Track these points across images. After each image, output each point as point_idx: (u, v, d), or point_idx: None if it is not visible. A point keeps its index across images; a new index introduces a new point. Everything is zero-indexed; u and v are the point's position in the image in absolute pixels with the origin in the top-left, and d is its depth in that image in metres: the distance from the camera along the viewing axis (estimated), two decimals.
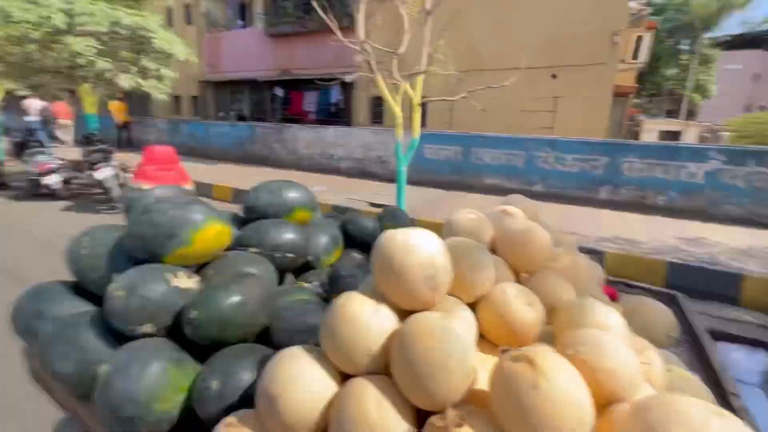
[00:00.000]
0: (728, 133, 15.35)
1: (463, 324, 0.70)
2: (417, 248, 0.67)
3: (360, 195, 6.97)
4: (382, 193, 7.24)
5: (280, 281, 1.35)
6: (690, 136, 17.47)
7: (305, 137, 10.04)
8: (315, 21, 12.30)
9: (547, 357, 0.52)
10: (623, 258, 4.37)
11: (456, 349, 0.56)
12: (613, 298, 1.26)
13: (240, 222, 1.47)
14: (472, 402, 0.58)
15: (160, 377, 0.84)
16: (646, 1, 11.80)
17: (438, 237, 0.72)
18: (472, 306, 0.82)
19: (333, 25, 4.09)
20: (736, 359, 1.08)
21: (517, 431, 0.51)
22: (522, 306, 0.76)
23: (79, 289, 1.13)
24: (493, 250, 1.02)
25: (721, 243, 4.87)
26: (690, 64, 21.98)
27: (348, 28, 10.89)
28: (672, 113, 23.92)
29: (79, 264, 1.08)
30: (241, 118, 15.05)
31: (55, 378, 0.91)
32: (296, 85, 13.83)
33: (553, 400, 0.48)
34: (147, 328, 0.91)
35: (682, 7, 21.72)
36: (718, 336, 1.25)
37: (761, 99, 27.67)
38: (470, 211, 1.06)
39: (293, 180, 1.62)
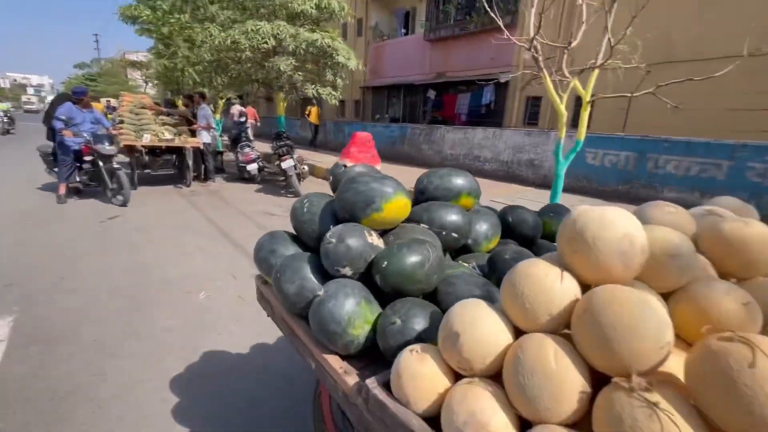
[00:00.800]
0: None
1: (659, 302, 0.67)
2: (613, 223, 0.68)
3: (504, 198, 6.73)
4: (528, 198, 6.83)
5: None
6: None
7: (452, 138, 10.21)
8: (474, 23, 12.33)
9: (765, 338, 0.48)
10: None
11: (650, 319, 0.56)
12: None
13: (412, 203, 1.66)
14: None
15: (356, 308, 1.06)
16: None
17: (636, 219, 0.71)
18: (663, 297, 0.77)
19: (501, 23, 4.07)
20: None
21: (724, 410, 0.48)
22: (733, 305, 0.67)
23: (296, 238, 1.48)
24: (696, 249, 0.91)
25: None
26: None
27: (509, 26, 10.58)
28: None
29: (299, 219, 1.42)
30: (394, 120, 16.24)
31: (283, 295, 1.23)
32: (449, 88, 14.15)
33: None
34: (347, 270, 1.15)
35: None
36: None
37: None
38: (667, 204, 0.97)
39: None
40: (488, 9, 4.47)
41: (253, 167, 8.42)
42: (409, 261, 1.06)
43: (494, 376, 0.75)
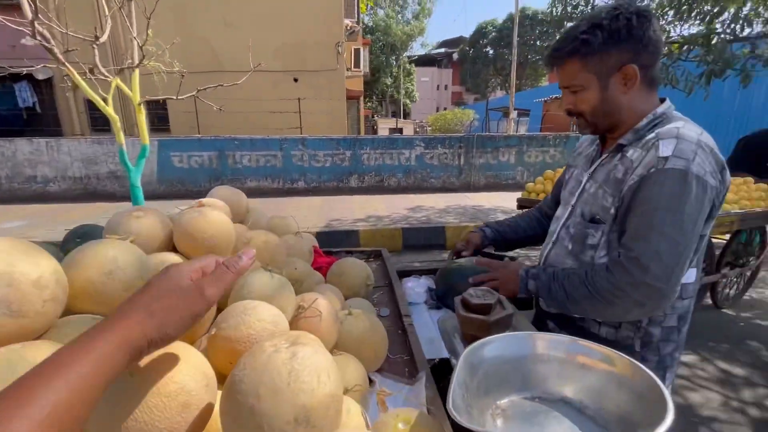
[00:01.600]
0: (429, 127, 21.63)
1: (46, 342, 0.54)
2: None
3: (82, 223, 5.43)
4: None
5: None
6: (409, 130, 22.67)
7: None
8: None
9: (148, 357, 0.47)
10: (372, 232, 5.18)
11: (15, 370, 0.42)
12: (331, 263, 1.40)
13: None
14: None
15: None
16: (356, 20, 14.24)
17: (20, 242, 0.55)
18: None
19: None
20: (410, 287, 1.40)
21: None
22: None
23: None
24: (176, 248, 0.93)
25: (431, 207, 6.50)
26: (398, 76, 28.28)
27: (15, 5, 8.16)
28: (395, 114, 30.34)
29: None
30: None
31: None
32: None
33: (145, 396, 0.43)
34: None
35: (387, 29, 27.52)
36: (403, 274, 1.60)
37: (443, 103, 40.05)
38: (137, 208, 0.92)
39: None
40: None
41: None
42: None
43: None
